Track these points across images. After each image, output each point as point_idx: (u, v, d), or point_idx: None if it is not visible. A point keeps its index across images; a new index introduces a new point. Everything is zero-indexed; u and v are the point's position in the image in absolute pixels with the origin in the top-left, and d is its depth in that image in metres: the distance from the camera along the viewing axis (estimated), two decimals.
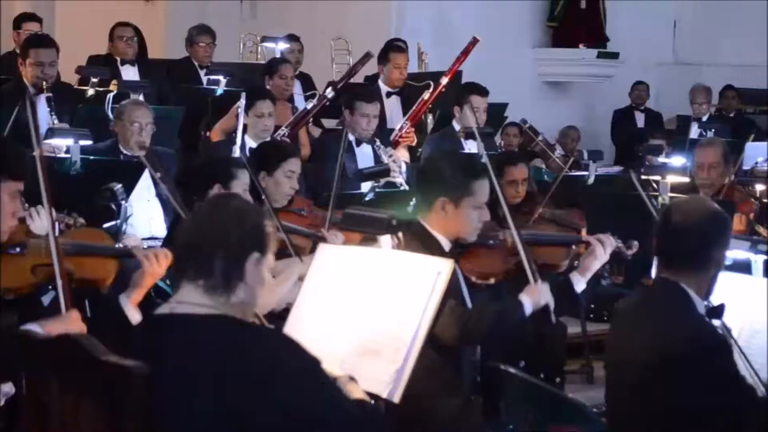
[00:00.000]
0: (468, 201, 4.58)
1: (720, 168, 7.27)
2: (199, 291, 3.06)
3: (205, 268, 3.05)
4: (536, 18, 13.76)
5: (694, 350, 3.70)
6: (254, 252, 3.09)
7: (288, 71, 9.20)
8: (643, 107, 13.64)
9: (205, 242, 3.06)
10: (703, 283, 3.88)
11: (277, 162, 5.84)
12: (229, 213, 3.12)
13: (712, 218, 3.91)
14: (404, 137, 8.78)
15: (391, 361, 3.62)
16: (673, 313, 3.84)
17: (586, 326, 7.71)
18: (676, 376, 3.69)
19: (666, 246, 3.93)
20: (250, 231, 3.10)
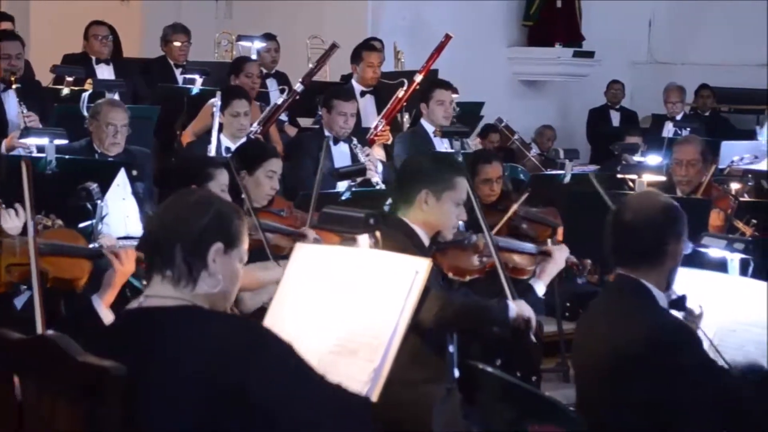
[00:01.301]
0: (449, 195, 4.66)
1: (698, 165, 7.30)
2: (165, 283, 3.09)
3: (168, 259, 3.08)
4: (512, 17, 13.80)
5: (660, 344, 3.70)
6: (216, 242, 3.11)
7: (254, 69, 9.20)
8: (618, 106, 13.69)
9: (166, 233, 3.10)
10: (662, 276, 3.88)
11: (258, 162, 5.84)
12: (189, 203, 3.15)
13: (663, 212, 3.90)
14: (379, 135, 8.78)
15: (368, 361, 3.61)
16: (634, 309, 3.85)
17: (561, 325, 7.72)
18: (642, 372, 3.69)
19: (620, 244, 3.93)
20: (212, 220, 3.11)
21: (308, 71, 9.26)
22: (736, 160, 8.20)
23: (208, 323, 3.05)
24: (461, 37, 9.64)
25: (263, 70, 9.85)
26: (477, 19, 13.00)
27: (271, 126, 8.59)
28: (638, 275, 3.85)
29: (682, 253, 3.93)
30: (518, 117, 12.18)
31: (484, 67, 12.87)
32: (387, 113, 8.90)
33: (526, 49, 13.83)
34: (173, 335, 3.00)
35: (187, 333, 3.01)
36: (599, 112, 13.68)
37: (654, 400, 3.68)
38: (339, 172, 6.84)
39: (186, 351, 2.96)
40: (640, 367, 3.69)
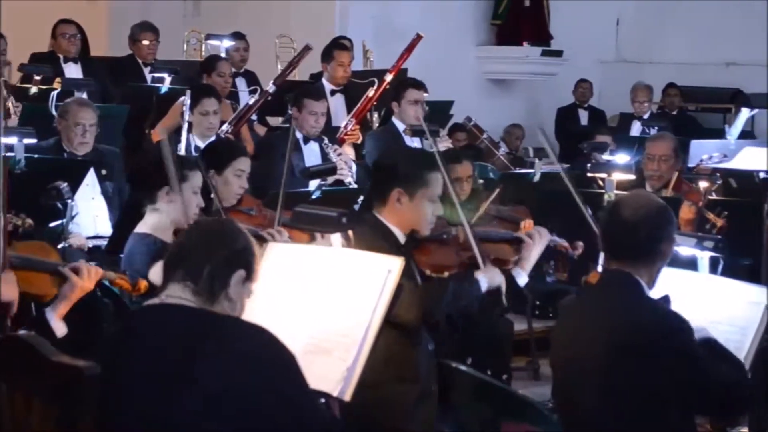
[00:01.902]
0: (423, 192, 4.64)
1: (670, 161, 7.35)
2: (187, 290, 3.29)
3: (195, 273, 3.30)
4: (480, 16, 13.82)
5: (660, 333, 3.76)
6: (240, 269, 3.33)
7: (225, 68, 9.18)
8: (586, 105, 13.73)
9: (200, 247, 3.34)
10: (652, 274, 3.95)
11: (227, 161, 5.81)
12: (226, 227, 3.44)
13: (660, 212, 3.98)
14: (349, 135, 8.77)
15: (341, 360, 3.62)
16: (629, 301, 3.90)
17: (532, 323, 7.75)
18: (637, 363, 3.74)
19: (615, 239, 3.98)
20: (243, 249, 3.37)
21: (281, 72, 9.24)
22: (705, 158, 8.23)
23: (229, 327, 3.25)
24: (430, 36, 9.64)
25: (233, 69, 9.83)
26: (445, 18, 13.01)
27: (243, 126, 8.57)
28: (632, 271, 3.92)
29: (670, 254, 4.01)
30: (487, 116, 12.21)
31: (453, 66, 12.89)
32: (357, 112, 8.88)
33: (494, 48, 13.85)
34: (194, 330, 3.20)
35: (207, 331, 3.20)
36: (568, 111, 13.71)
37: (649, 388, 3.73)
38: (310, 171, 6.82)
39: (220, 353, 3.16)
40: (638, 357, 3.74)
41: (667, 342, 3.75)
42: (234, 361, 3.15)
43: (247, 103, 8.71)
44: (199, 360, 3.13)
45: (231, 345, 3.18)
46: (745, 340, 4.25)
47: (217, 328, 3.23)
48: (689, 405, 3.82)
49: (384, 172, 4.78)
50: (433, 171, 4.72)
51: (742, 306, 4.28)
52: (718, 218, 6.51)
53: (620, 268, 3.94)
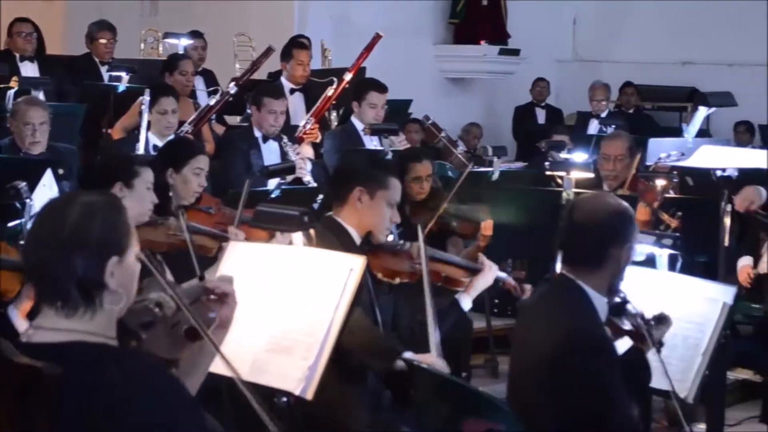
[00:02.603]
0: (383, 194, 4.68)
1: (625, 160, 7.38)
2: (59, 314, 2.71)
3: (61, 291, 2.70)
4: (438, 15, 13.85)
5: (569, 348, 3.71)
6: (112, 257, 2.72)
7: (188, 67, 9.14)
8: (543, 104, 13.79)
9: (53, 263, 2.69)
10: (602, 280, 3.88)
11: (185, 159, 5.79)
12: (70, 222, 2.70)
13: (612, 216, 3.91)
14: (308, 134, 8.75)
15: (303, 359, 3.62)
16: (563, 309, 3.86)
17: (490, 321, 7.79)
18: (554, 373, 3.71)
19: (566, 242, 3.94)
20: (102, 237, 2.71)
21: (243, 73, 9.20)
22: (663, 157, 8.27)
23: (110, 364, 2.70)
24: (388, 34, 9.64)
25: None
26: (403, 16, 13.03)
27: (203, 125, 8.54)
28: (578, 277, 3.86)
29: (627, 259, 3.92)
30: (445, 114, 12.21)
31: (411, 65, 12.91)
32: (316, 112, 8.87)
33: (452, 47, 13.89)
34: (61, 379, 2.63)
35: (74, 374, 2.64)
36: (525, 110, 13.76)
37: (559, 402, 3.70)
38: (269, 169, 6.80)
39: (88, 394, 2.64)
40: (551, 369, 3.71)
41: (571, 359, 3.69)
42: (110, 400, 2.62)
43: (208, 103, 8.68)
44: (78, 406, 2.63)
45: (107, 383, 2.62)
46: (704, 337, 4.30)
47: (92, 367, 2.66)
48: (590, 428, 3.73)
49: (346, 172, 4.82)
50: (394, 176, 4.77)
51: (701, 303, 4.33)
52: (673, 219, 6.55)
53: (567, 274, 3.89)
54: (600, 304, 3.88)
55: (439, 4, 13.83)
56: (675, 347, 4.29)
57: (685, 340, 4.31)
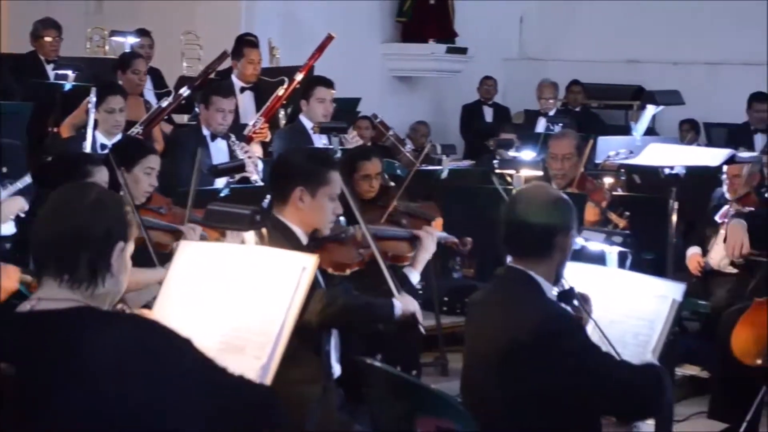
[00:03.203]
0: (324, 190, 4.66)
1: (573, 159, 7.40)
2: (63, 286, 2.95)
3: (70, 264, 2.94)
4: (385, 13, 13.86)
5: (544, 337, 3.74)
6: (119, 241, 3.00)
7: (141, 66, 9.10)
8: (491, 102, 13.85)
9: (69, 237, 2.94)
10: (551, 269, 3.93)
11: (136, 159, 5.76)
12: (90, 204, 2.98)
13: (553, 205, 3.95)
14: (258, 133, 8.73)
15: (256, 358, 3.60)
16: (522, 299, 3.89)
17: (440, 319, 7.78)
18: (528, 362, 3.72)
19: (511, 235, 3.97)
20: (114, 221, 3.00)
21: (197, 76, 9.16)
22: (612, 155, 8.34)
23: (104, 325, 2.92)
24: (335, 33, 9.63)
25: None
26: (351, 15, 13.02)
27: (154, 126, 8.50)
28: (527, 267, 3.90)
29: (571, 247, 3.98)
30: (393, 113, 12.25)
31: (359, 64, 12.90)
32: (266, 111, 8.85)
33: (399, 45, 13.91)
34: (66, 337, 2.87)
35: (91, 336, 2.87)
36: (472, 108, 13.81)
37: (542, 388, 3.72)
38: (217, 168, 6.78)
39: (94, 355, 2.83)
40: (528, 357, 3.72)
41: (556, 342, 3.73)
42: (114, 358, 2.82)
43: (160, 105, 8.63)
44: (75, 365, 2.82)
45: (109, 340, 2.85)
46: (654, 334, 4.31)
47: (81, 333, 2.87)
48: (584, 407, 3.80)
49: (284, 171, 4.80)
50: (333, 169, 4.76)
51: (651, 300, 4.34)
52: (621, 219, 6.60)
53: (518, 266, 3.92)
54: (550, 293, 3.93)
55: (387, 3, 13.84)
56: (626, 344, 4.30)
57: (635, 337, 4.33)
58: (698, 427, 6.41)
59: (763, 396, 6.08)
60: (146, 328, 2.98)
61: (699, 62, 13.40)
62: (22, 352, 2.86)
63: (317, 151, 5.63)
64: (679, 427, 6.12)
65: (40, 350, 2.86)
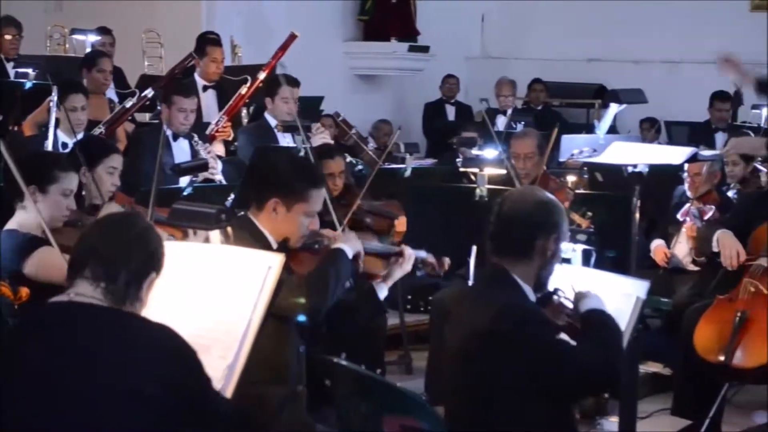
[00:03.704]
0: (300, 207, 4.55)
1: (535, 158, 7.41)
2: (98, 291, 3.24)
3: (110, 274, 3.25)
4: (347, 12, 13.86)
5: (507, 319, 3.77)
6: (153, 272, 3.34)
7: (107, 65, 9.05)
8: (453, 100, 13.86)
9: (115, 254, 3.27)
10: (529, 271, 3.95)
11: (99, 158, 5.72)
12: (139, 233, 3.35)
13: (536, 207, 3.98)
14: (220, 132, 8.70)
15: (221, 357, 3.59)
16: (497, 295, 3.92)
17: (404, 317, 7.79)
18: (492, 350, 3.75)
19: (495, 233, 4.00)
20: (154, 253, 3.35)
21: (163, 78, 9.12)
22: (576, 153, 8.36)
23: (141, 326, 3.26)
24: (297, 31, 9.61)
25: None
26: (313, 13, 13.01)
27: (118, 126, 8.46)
28: (507, 266, 3.93)
29: (554, 252, 3.99)
30: (355, 111, 12.23)
31: (321, 62, 12.88)
32: (229, 110, 8.82)
33: (361, 43, 13.91)
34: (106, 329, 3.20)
35: (120, 330, 3.21)
36: (435, 107, 13.82)
37: (508, 376, 3.75)
38: (180, 167, 6.74)
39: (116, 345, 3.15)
40: (492, 344, 3.75)
41: (520, 329, 3.76)
42: (140, 357, 3.15)
43: (124, 105, 8.58)
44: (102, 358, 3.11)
45: (137, 341, 3.19)
46: None
47: (124, 326, 3.23)
48: (553, 392, 3.81)
49: (264, 176, 4.69)
50: (317, 187, 4.64)
51: (615, 297, 4.35)
52: (583, 219, 6.62)
53: (497, 263, 3.95)
54: (530, 294, 3.94)
55: (349, 2, 13.83)
56: None
57: None
58: (661, 423, 6.44)
59: (726, 393, 6.12)
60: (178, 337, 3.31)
61: (659, 61, 13.48)
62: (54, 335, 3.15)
63: (302, 164, 5.43)
64: (642, 424, 6.15)
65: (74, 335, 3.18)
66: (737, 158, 7.93)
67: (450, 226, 6.31)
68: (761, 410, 6.74)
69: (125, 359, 3.12)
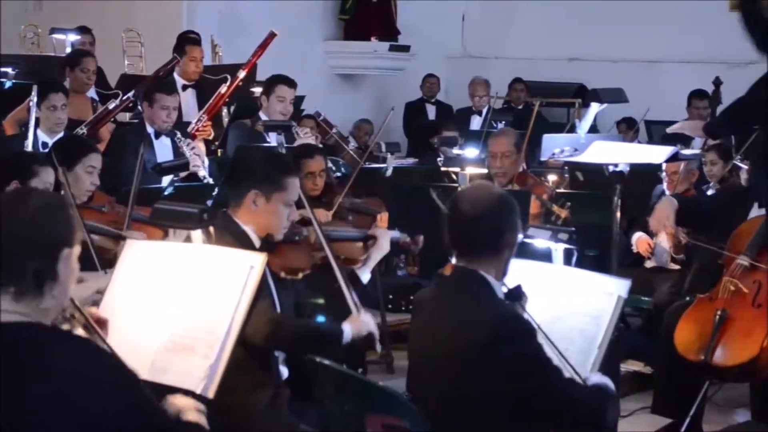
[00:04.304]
0: (279, 196, 4.60)
1: (513, 157, 7.42)
2: (8, 298, 2.88)
3: (17, 274, 2.88)
4: (328, 11, 13.86)
5: (500, 337, 3.72)
6: (65, 248, 2.94)
7: (90, 65, 9.03)
8: (434, 100, 13.86)
9: (13, 246, 2.87)
10: (500, 266, 3.93)
11: (78, 157, 5.70)
12: (34, 211, 2.91)
13: (499, 202, 3.94)
14: (201, 131, 8.69)
15: (204, 357, 3.58)
16: (473, 300, 3.87)
17: (385, 316, 7.79)
18: (485, 364, 3.71)
19: (458, 235, 3.95)
20: (59, 226, 2.94)
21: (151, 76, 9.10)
22: (557, 152, 8.37)
23: (51, 344, 2.89)
24: (278, 30, 9.61)
25: None
26: (293, 12, 13.01)
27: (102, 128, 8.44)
28: (478, 267, 3.88)
29: (516, 243, 3.98)
30: (336, 111, 12.23)
31: (301, 61, 12.87)
32: (209, 109, 8.81)
33: (342, 43, 13.91)
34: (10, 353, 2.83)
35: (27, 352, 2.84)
36: (415, 106, 13.82)
37: (491, 391, 3.72)
38: (162, 166, 6.74)
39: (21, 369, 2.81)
40: (480, 357, 3.71)
41: (510, 345, 3.72)
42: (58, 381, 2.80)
43: (107, 107, 8.56)
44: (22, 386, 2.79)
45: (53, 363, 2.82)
46: (600, 330, 4.33)
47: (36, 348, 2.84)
48: (529, 415, 3.78)
49: (241, 171, 4.74)
50: (292, 176, 4.69)
51: (597, 296, 4.36)
52: (562, 210, 6.63)
53: (467, 266, 3.90)
54: (499, 291, 3.92)
55: (329, 2, 13.83)
56: (572, 340, 4.31)
57: (581, 333, 4.34)
58: (642, 422, 6.46)
59: (706, 391, 6.14)
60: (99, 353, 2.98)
61: (639, 60, 13.51)
62: None
63: (277, 155, 5.49)
64: (623, 422, 6.16)
65: None
66: (716, 157, 7.96)
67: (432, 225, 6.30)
68: (742, 408, 6.78)
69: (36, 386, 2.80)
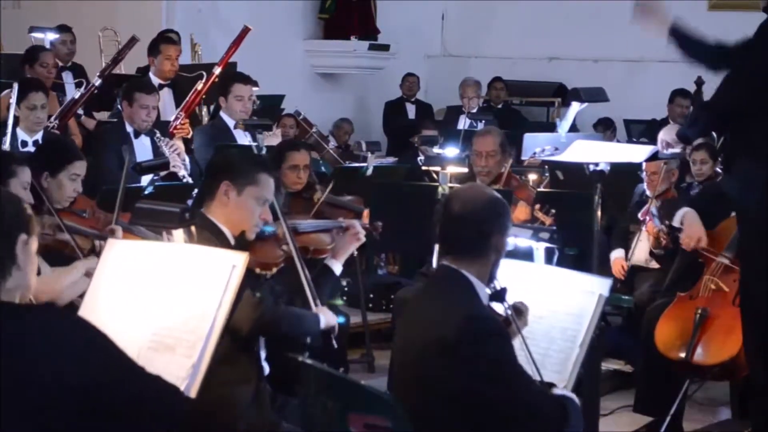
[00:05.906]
0: (251, 190, 4.57)
1: (497, 156, 7.41)
2: None
3: None
4: (307, 10, 13.86)
5: (467, 336, 3.72)
6: (22, 234, 3.07)
7: (49, 59, 9.00)
8: (413, 99, 13.87)
9: None
10: (484, 269, 3.92)
11: (62, 164, 5.65)
12: None
13: (490, 205, 3.95)
14: (179, 129, 8.66)
15: (186, 356, 3.57)
16: (452, 300, 3.87)
17: (366, 316, 7.80)
18: (451, 362, 3.71)
19: (446, 234, 3.96)
20: (14, 214, 3.08)
21: (106, 65, 9.09)
22: (538, 151, 8.38)
23: (19, 319, 2.98)
24: (258, 29, 9.59)
25: (59, 63, 9.66)
26: (273, 11, 13.00)
27: (70, 119, 8.39)
28: (461, 266, 3.89)
29: (504, 247, 3.98)
30: (316, 110, 12.23)
31: (281, 60, 12.88)
32: (186, 106, 8.77)
33: (322, 42, 13.90)
34: None
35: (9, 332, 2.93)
36: (395, 105, 13.83)
37: (458, 390, 3.72)
38: (142, 166, 6.70)
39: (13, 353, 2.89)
40: (447, 357, 3.71)
41: (472, 345, 3.72)
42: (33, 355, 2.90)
43: (73, 96, 8.54)
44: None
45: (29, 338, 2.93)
46: (581, 328, 4.34)
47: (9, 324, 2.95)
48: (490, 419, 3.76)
49: (215, 166, 4.75)
50: (264, 172, 4.66)
51: (578, 295, 4.38)
52: (547, 217, 6.64)
53: (451, 264, 3.91)
54: (482, 293, 3.93)
55: (309, 0, 13.83)
56: (553, 339, 4.33)
57: (563, 332, 4.35)
58: (623, 420, 6.49)
59: (687, 389, 6.17)
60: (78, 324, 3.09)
61: (619, 59, 13.53)
62: None
63: (252, 152, 5.49)
64: (604, 420, 6.19)
65: None
66: (706, 156, 7.89)
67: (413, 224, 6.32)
68: (722, 406, 6.81)
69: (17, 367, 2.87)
